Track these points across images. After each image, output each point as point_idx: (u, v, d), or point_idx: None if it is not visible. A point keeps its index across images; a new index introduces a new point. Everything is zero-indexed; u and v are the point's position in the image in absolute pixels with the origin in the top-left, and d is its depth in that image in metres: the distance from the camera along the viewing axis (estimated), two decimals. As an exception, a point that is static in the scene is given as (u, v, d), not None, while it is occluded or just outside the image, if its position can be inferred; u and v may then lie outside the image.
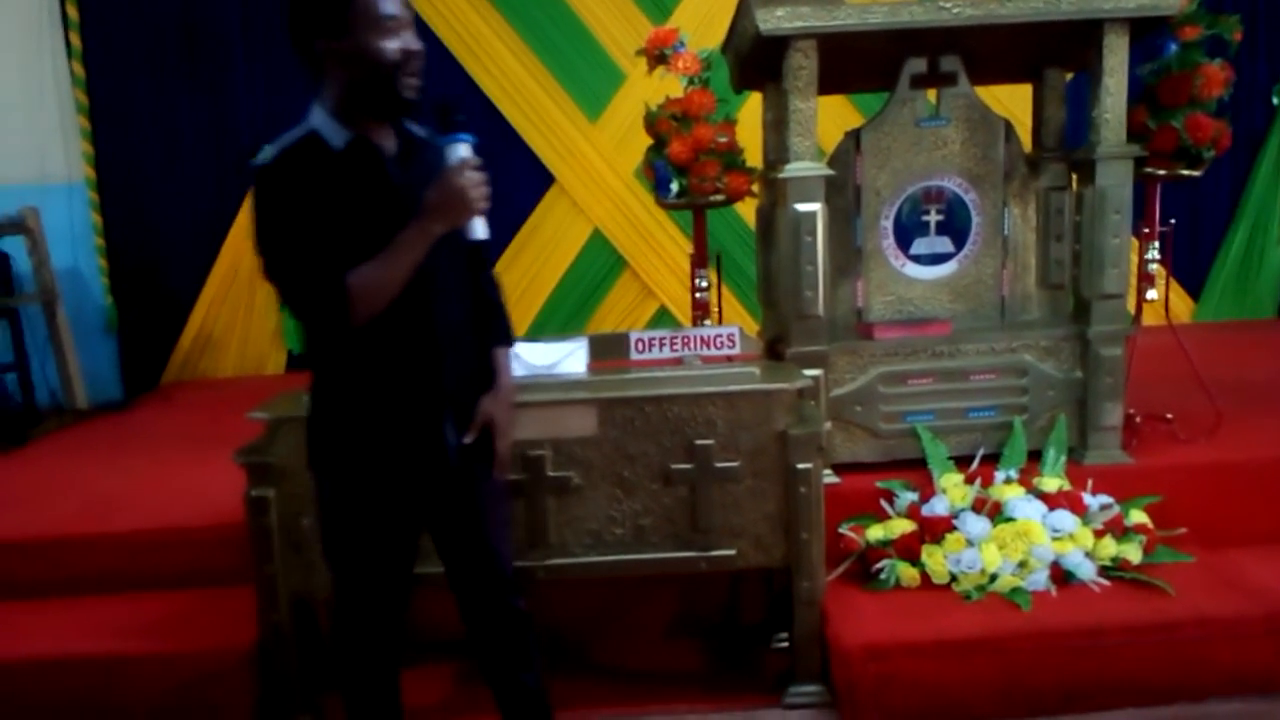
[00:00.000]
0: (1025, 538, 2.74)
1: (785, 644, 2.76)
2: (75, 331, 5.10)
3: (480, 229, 1.78)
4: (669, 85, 3.43)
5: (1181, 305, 5.78)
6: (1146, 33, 3.08)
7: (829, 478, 2.92)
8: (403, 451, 1.86)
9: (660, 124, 3.32)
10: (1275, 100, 5.71)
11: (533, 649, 2.10)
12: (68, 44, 5.45)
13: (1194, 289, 5.90)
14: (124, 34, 5.51)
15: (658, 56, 3.37)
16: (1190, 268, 5.81)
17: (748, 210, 4.51)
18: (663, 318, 5.83)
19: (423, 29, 5.72)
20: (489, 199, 1.75)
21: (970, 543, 2.76)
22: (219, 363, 5.74)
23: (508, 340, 2.06)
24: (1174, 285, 5.51)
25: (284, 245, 1.73)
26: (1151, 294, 3.39)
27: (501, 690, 2.12)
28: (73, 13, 5.43)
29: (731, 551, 2.61)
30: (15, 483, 3.77)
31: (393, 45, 1.73)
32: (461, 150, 1.74)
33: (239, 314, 5.71)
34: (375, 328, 1.77)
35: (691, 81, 3.35)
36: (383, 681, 2.03)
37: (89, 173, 5.55)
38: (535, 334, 5.65)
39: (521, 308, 5.82)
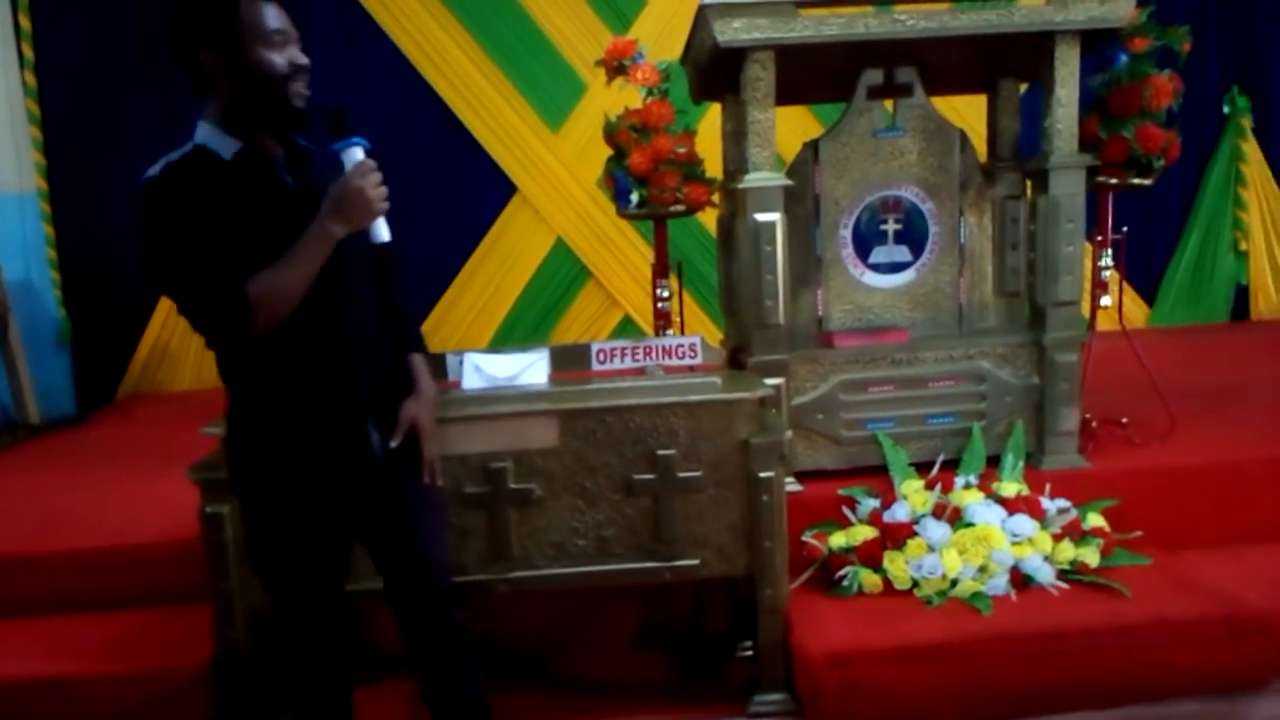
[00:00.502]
0: (985, 543, 2.77)
1: (749, 653, 2.76)
2: (27, 345, 4.98)
3: (383, 231, 1.80)
4: (629, 96, 3.43)
5: (1137, 310, 5.88)
6: (1097, 44, 3.13)
7: (791, 486, 2.93)
8: (328, 459, 1.85)
9: (620, 135, 3.33)
10: (1226, 109, 5.86)
11: (470, 662, 2.08)
12: (20, 55, 5.36)
13: (1149, 294, 6.01)
14: (77, 45, 5.43)
15: (617, 68, 3.37)
16: (1145, 274, 5.92)
17: (710, 218, 4.53)
18: (627, 327, 5.83)
19: (381, 39, 5.66)
20: (387, 199, 1.77)
21: (931, 548, 2.78)
22: (176, 375, 5.65)
23: (420, 346, 2.07)
24: (1129, 291, 5.62)
25: (178, 255, 1.70)
26: (1105, 300, 3.44)
27: (439, 704, 2.10)
28: (25, 24, 5.35)
29: (695, 561, 2.61)
30: (-35, 501, 3.69)
31: (280, 59, 1.74)
32: (358, 153, 1.77)
33: (196, 326, 5.62)
34: (288, 336, 1.76)
35: (650, 93, 3.36)
36: (333, 699, 2.01)
37: (41, 183, 5.45)
38: (498, 345, 5.62)
39: (484, 318, 5.80)
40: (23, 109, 5.38)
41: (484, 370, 2.74)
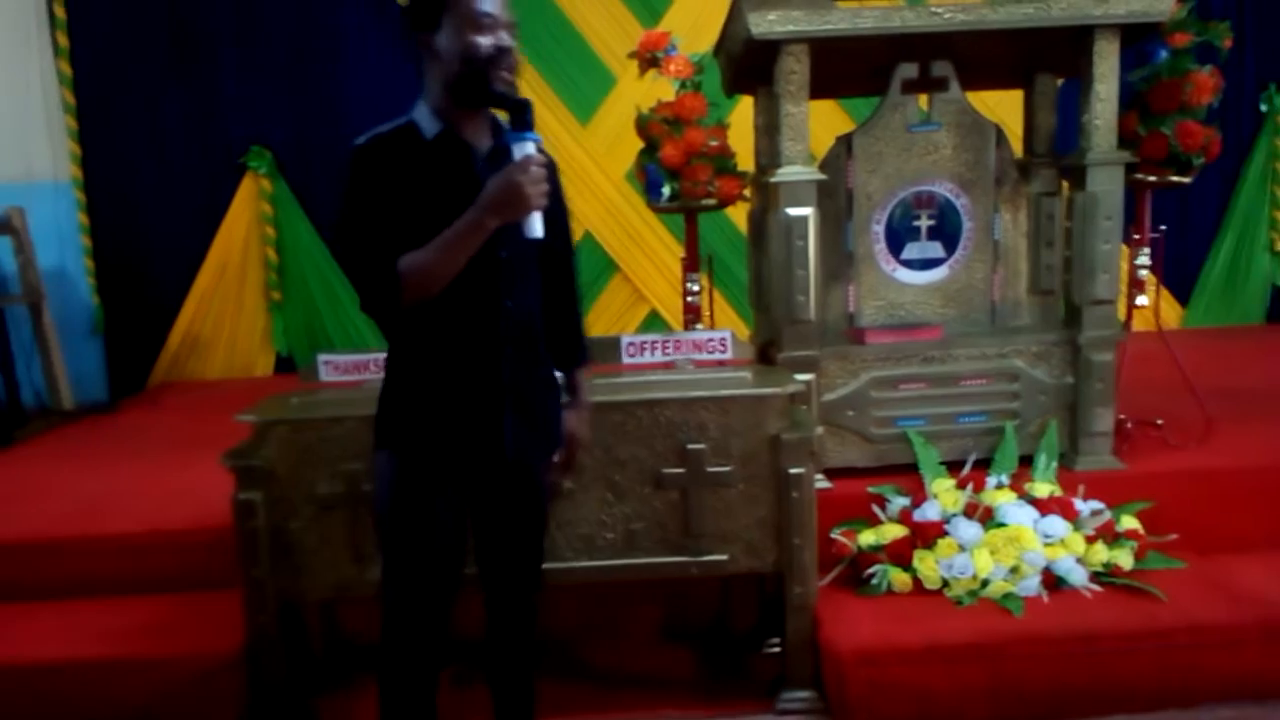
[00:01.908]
0: (1017, 543, 2.74)
1: (777, 649, 2.75)
2: (61, 332, 5.05)
3: (537, 227, 1.77)
4: (660, 89, 3.42)
5: (1170, 311, 5.81)
6: (1137, 39, 3.09)
7: (820, 483, 2.91)
8: (462, 439, 1.88)
9: (652, 127, 3.32)
10: (1263, 107, 5.77)
11: (534, 646, 2.16)
12: (55, 43, 5.42)
13: (1183, 295, 5.93)
14: (112, 33, 5.48)
15: (649, 60, 3.37)
16: (1179, 274, 5.84)
17: (738, 214, 4.51)
18: (654, 321, 5.82)
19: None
20: (546, 196, 1.75)
21: (962, 548, 2.76)
22: (207, 364, 5.70)
23: (585, 360, 2.13)
24: (1163, 291, 5.55)
25: (352, 223, 1.78)
26: (1142, 300, 3.40)
27: (501, 685, 2.14)
28: (60, 12, 5.41)
29: (723, 557, 2.60)
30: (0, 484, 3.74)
31: (485, 41, 1.76)
32: (528, 147, 1.75)
33: (227, 315, 5.67)
34: (442, 316, 1.81)
35: (683, 85, 3.34)
36: (424, 679, 1.98)
37: (75, 172, 5.51)
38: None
39: (511, 311, 5.79)
40: (58, 98, 5.44)
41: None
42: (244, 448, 2.50)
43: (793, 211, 2.93)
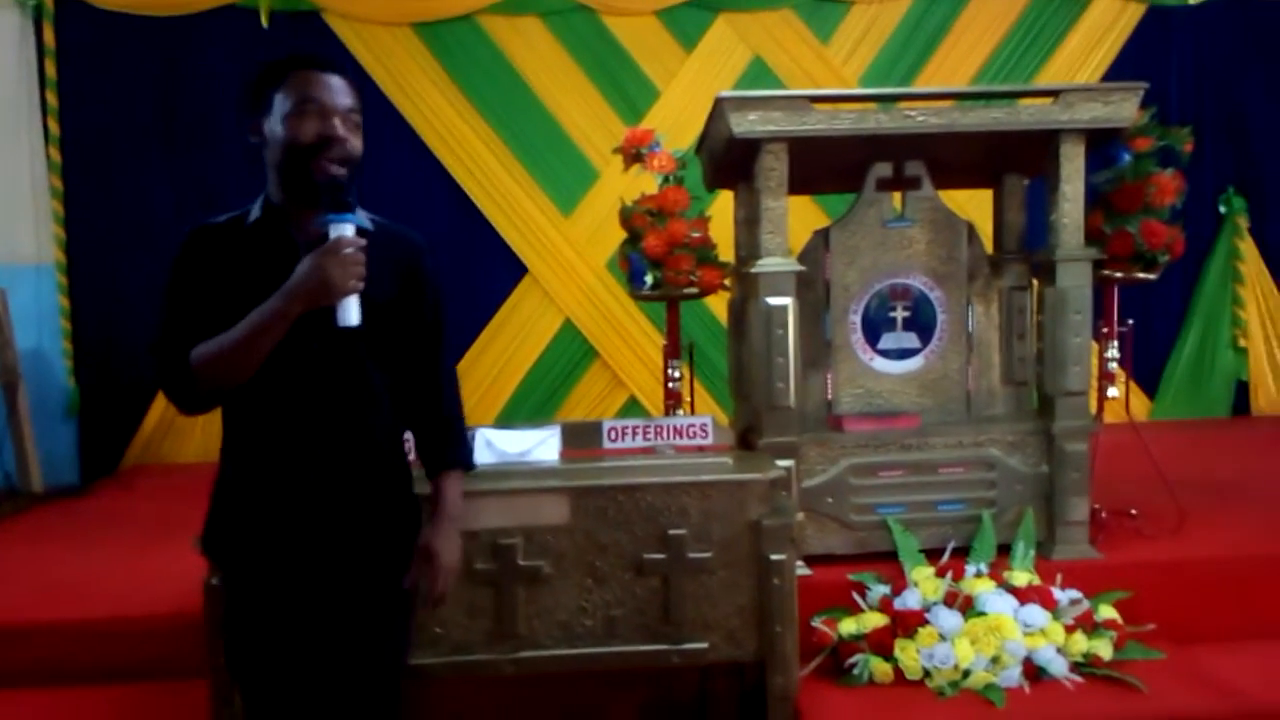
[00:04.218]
0: (998, 632, 2.73)
1: (757, 741, 2.70)
2: (35, 414, 5.00)
3: (352, 314, 1.64)
4: (642, 182, 3.52)
5: (1138, 403, 5.90)
6: (1101, 143, 3.22)
7: (800, 569, 2.91)
8: (278, 554, 1.73)
9: (635, 219, 3.40)
10: (1222, 209, 5.98)
11: None
12: (45, 130, 5.49)
13: (1150, 388, 6.04)
14: (102, 122, 5.54)
15: (634, 155, 3.47)
16: (1146, 367, 5.95)
17: (717, 303, 4.58)
18: (632, 407, 5.85)
19: (400, 125, 5.72)
20: (362, 279, 1.63)
21: (943, 637, 2.74)
22: (181, 448, 5.63)
23: (458, 460, 1.94)
24: (1131, 383, 5.66)
25: (162, 314, 1.71)
26: (1113, 391, 3.47)
27: None
28: (52, 100, 5.48)
29: (704, 645, 2.58)
30: (-36, 569, 3.65)
31: (309, 129, 1.68)
32: (345, 229, 1.65)
33: (203, 399, 5.63)
34: (256, 415, 1.71)
35: (666, 179, 3.44)
36: None
37: (59, 255, 5.53)
38: (504, 422, 5.63)
39: (491, 395, 5.81)
40: (45, 183, 5.49)
41: (495, 445, 2.75)
42: (222, 530, 2.47)
43: (773, 301, 3.00)
